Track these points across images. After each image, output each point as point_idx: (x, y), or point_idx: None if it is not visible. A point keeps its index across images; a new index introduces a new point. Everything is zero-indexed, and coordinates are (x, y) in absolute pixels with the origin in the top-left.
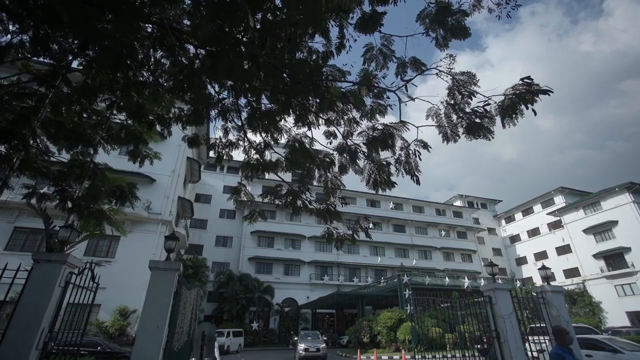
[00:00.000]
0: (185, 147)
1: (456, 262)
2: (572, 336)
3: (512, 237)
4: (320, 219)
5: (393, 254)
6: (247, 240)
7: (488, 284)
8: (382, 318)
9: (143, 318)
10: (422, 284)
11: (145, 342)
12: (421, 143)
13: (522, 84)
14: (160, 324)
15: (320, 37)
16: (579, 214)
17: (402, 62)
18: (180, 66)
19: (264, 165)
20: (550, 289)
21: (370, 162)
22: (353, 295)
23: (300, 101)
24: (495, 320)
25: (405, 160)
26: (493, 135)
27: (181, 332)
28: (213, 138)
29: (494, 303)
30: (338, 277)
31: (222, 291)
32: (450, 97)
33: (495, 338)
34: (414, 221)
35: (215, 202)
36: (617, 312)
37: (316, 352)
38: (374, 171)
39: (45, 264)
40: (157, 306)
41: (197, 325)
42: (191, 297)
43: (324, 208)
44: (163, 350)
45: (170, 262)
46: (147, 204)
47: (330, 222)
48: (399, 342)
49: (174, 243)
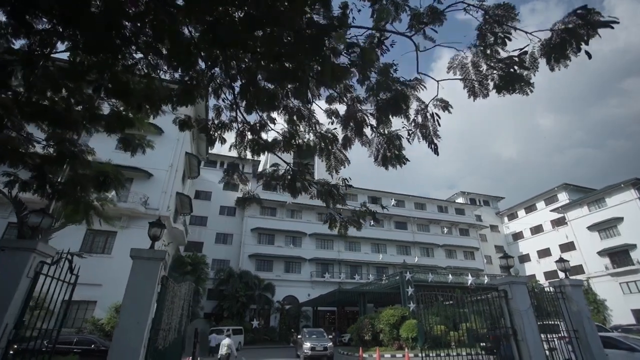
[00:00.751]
0: (184, 142)
1: (458, 259)
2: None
3: (515, 235)
4: (322, 200)
5: (395, 251)
6: (248, 237)
7: (503, 277)
8: (384, 315)
9: (122, 313)
10: (425, 281)
11: (124, 340)
12: (441, 103)
13: (576, 14)
14: (141, 320)
15: None
16: (583, 210)
17: (416, 13)
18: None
19: (260, 145)
20: (570, 282)
21: (379, 135)
22: (354, 293)
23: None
24: (512, 316)
25: (422, 124)
26: (532, 88)
27: (168, 329)
28: (205, 119)
29: (509, 298)
30: (339, 275)
31: (222, 289)
32: (481, 40)
33: (511, 335)
34: (415, 218)
35: (215, 198)
36: (622, 310)
37: (323, 351)
38: (382, 145)
39: (12, 252)
40: (138, 300)
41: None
42: (182, 291)
43: (326, 189)
44: (145, 349)
45: (154, 251)
46: (144, 199)
47: (333, 205)
48: (401, 340)
49: (159, 230)
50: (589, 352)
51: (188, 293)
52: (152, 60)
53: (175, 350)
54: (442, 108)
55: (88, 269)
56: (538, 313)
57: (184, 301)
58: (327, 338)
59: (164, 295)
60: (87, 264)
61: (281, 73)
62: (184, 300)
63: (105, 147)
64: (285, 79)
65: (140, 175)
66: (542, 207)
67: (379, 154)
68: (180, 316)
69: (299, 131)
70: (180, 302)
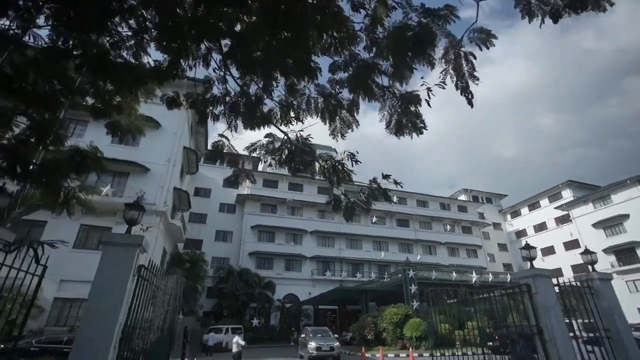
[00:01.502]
0: (182, 136)
1: (461, 257)
2: None
3: (518, 232)
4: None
5: (397, 249)
6: (248, 235)
7: (525, 269)
8: (387, 314)
9: (89, 308)
10: (429, 279)
11: (89, 339)
12: (481, 34)
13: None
14: (111, 316)
15: None
16: (588, 207)
17: None
18: None
19: (255, 117)
20: (598, 276)
21: (392, 96)
22: (356, 291)
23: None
24: (537, 313)
25: (455, 65)
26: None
27: (148, 327)
28: (195, 94)
29: (533, 292)
30: (340, 273)
31: (221, 287)
32: None
33: (536, 334)
34: (418, 215)
35: (215, 196)
36: (628, 309)
37: (330, 351)
38: (396, 109)
39: None
40: (108, 293)
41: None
42: (167, 285)
43: (329, 166)
44: (117, 350)
45: (129, 236)
46: (140, 194)
47: (337, 184)
48: (405, 339)
49: (136, 213)
50: (624, 354)
51: (176, 287)
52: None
53: (161, 351)
54: (481, 43)
55: (82, 265)
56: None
57: (170, 296)
58: (333, 337)
59: (142, 287)
60: (81, 260)
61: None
62: (170, 295)
63: (100, 143)
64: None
65: (136, 170)
66: (545, 204)
67: (392, 119)
68: (166, 313)
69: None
70: (166, 297)
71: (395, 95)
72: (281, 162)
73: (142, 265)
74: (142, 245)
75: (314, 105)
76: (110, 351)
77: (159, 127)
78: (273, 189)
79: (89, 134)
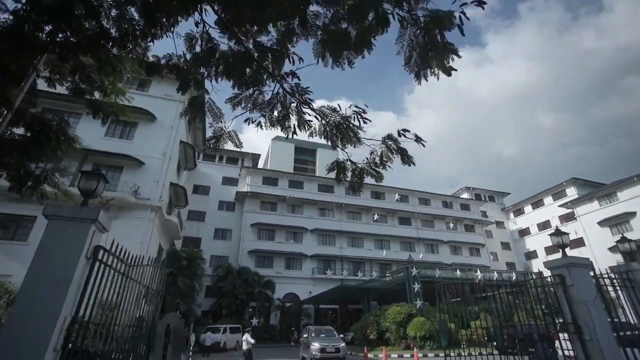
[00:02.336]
0: (178, 130)
1: (464, 256)
2: None
3: (522, 231)
4: (326, 139)
5: (398, 247)
6: (247, 233)
7: (557, 258)
8: (390, 313)
9: (20, 297)
10: (432, 277)
11: (18, 337)
12: None
13: None
14: (51, 310)
15: None
16: (594, 205)
17: None
18: None
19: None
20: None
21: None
22: (358, 289)
23: None
24: (573, 309)
25: None
26: None
27: (110, 324)
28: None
29: (568, 284)
30: (341, 272)
31: (220, 286)
32: None
33: (574, 334)
34: (420, 214)
35: (214, 193)
36: None
37: (335, 352)
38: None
39: None
40: (50, 279)
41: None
42: (143, 275)
43: (332, 124)
44: (60, 352)
45: (82, 209)
46: (134, 188)
47: (342, 145)
48: (409, 338)
49: (95, 183)
50: None
51: (155, 278)
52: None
53: (134, 352)
54: None
55: None
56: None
57: (147, 289)
58: (338, 337)
59: (100, 275)
60: None
61: None
62: (147, 288)
63: (93, 136)
64: None
65: (130, 164)
66: (549, 202)
67: (411, 53)
68: (142, 308)
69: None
70: (140, 289)
71: (417, 21)
72: (272, 120)
73: (100, 246)
74: (100, 221)
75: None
76: (47, 354)
77: (154, 120)
78: (273, 187)
79: (82, 127)
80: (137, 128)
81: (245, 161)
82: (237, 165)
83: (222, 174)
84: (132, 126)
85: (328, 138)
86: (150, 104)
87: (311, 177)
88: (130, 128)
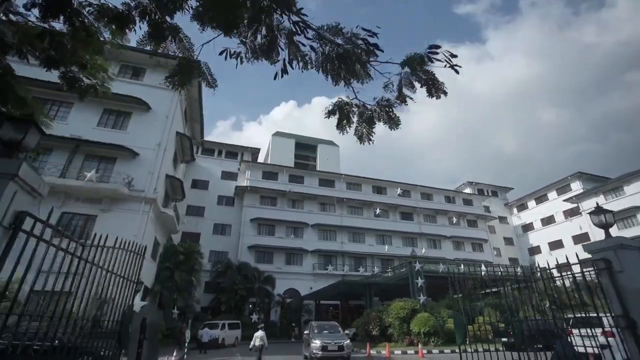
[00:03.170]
0: (174, 120)
1: (467, 251)
2: None
3: (525, 226)
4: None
5: (400, 242)
6: (247, 228)
7: (601, 240)
8: (393, 308)
9: None
10: (436, 272)
11: None
12: None
13: None
14: None
15: None
16: (599, 199)
17: None
18: None
19: None
20: None
21: None
22: (360, 284)
23: None
24: (623, 299)
25: None
26: None
27: (57, 315)
28: None
29: (617, 270)
30: (343, 267)
31: (219, 281)
32: None
33: (625, 328)
34: (422, 209)
35: (213, 188)
36: None
37: (338, 351)
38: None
39: None
40: None
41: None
42: (113, 260)
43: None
44: None
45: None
46: (128, 180)
47: (347, 81)
48: (412, 334)
49: (22, 133)
50: None
51: (127, 262)
52: None
53: (95, 352)
54: None
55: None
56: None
57: (113, 275)
58: (342, 334)
59: (26, 249)
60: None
61: None
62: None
63: (85, 126)
64: None
65: (124, 154)
66: (554, 197)
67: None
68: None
69: None
70: (100, 272)
71: None
72: (255, 49)
73: (27, 212)
74: (22, 176)
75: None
76: None
77: (148, 110)
78: (273, 181)
79: (73, 117)
80: (131, 118)
81: (245, 155)
82: (236, 159)
83: (221, 169)
84: (125, 116)
85: (327, 72)
86: (145, 93)
87: (312, 172)
88: (123, 118)
